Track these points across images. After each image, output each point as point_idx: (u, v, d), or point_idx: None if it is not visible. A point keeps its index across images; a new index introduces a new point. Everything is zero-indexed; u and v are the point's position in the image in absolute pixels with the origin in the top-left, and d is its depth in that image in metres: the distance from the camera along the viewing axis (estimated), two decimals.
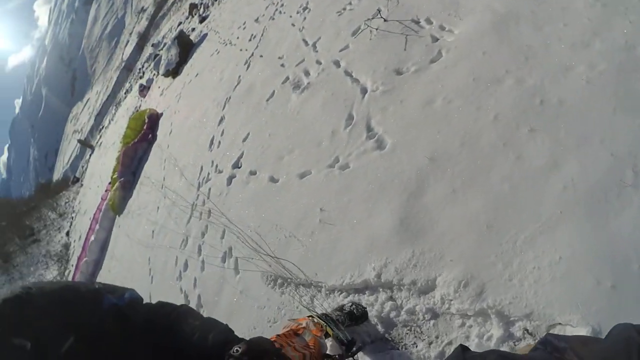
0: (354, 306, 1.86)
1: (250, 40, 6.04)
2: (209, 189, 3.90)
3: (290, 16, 5.20)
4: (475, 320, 1.60)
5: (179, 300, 3.36)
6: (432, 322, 1.71)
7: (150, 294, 4.11)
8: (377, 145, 2.46)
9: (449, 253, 1.76)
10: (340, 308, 1.86)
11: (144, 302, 0.94)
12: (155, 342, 0.86)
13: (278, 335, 1.34)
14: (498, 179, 1.80)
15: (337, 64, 3.31)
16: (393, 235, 1.99)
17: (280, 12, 5.75)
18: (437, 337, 1.67)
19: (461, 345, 0.83)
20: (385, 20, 3.09)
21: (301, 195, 2.70)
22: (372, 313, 1.90)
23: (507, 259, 1.60)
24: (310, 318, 1.61)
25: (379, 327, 1.86)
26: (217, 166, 4.06)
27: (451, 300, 1.66)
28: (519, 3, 2.32)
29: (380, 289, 1.93)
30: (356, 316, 1.82)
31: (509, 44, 2.22)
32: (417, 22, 2.87)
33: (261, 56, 4.96)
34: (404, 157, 2.25)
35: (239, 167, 3.64)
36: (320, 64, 3.53)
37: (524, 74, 2.04)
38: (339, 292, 2.10)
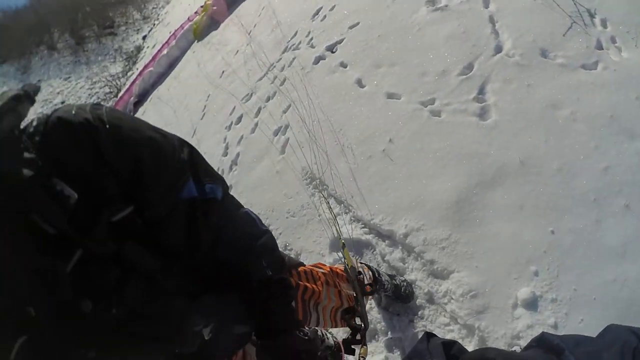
0: (405, 283, 1.78)
1: None
2: (294, 58, 3.77)
3: None
4: (459, 329, 1.64)
5: (219, 149, 3.55)
6: (424, 303, 1.76)
7: (196, 130, 4.36)
8: (480, 113, 2.21)
9: (479, 259, 1.73)
10: (392, 276, 1.78)
11: (231, 199, 0.76)
12: (221, 261, 0.72)
13: (332, 268, 1.26)
14: (567, 227, 1.67)
15: (485, 3, 2.83)
16: (441, 209, 1.93)
17: None
18: (421, 319, 1.74)
19: (426, 332, 0.84)
20: None
21: (379, 114, 2.56)
22: (377, 259, 1.97)
23: None
24: (367, 268, 1.56)
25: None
26: (312, 39, 3.86)
27: (452, 299, 1.69)
28: None
29: (400, 247, 1.95)
30: (401, 294, 1.73)
31: None
32: (592, 16, 2.36)
33: None
34: (498, 142, 2.04)
35: (333, 52, 3.45)
36: None
37: None
38: (362, 226, 2.12)
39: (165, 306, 0.66)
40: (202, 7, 8.49)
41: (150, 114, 6.72)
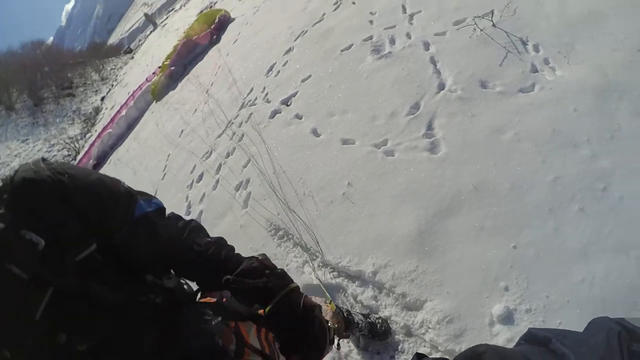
0: (380, 320, 1.79)
1: None
2: (251, 114, 3.91)
3: None
4: (441, 356, 1.63)
5: (181, 208, 3.52)
6: (402, 337, 1.77)
7: (157, 190, 4.32)
8: (430, 148, 2.37)
9: (449, 285, 1.77)
10: (366, 315, 1.80)
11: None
12: (174, 254, 0.82)
13: None
14: (527, 240, 1.76)
15: (426, 46, 3.13)
16: (405, 242, 1.99)
17: None
18: (401, 353, 1.74)
19: (417, 353, 0.86)
20: (493, 26, 2.85)
21: (336, 160, 2.68)
22: (349, 301, 1.97)
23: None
24: (332, 306, 1.52)
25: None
26: (267, 94, 4.04)
27: (429, 328, 1.70)
28: (631, 82, 2.10)
29: (371, 285, 1.97)
30: (377, 331, 1.74)
31: (602, 114, 2.04)
32: (525, 44, 2.66)
33: (353, 3, 4.75)
34: (450, 172, 2.18)
35: (288, 105, 3.62)
36: (410, 38, 3.34)
37: (602, 151, 1.91)
38: (331, 270, 2.14)
39: (133, 344, 0.72)
40: (159, 67, 8.70)
41: (111, 176, 6.59)
